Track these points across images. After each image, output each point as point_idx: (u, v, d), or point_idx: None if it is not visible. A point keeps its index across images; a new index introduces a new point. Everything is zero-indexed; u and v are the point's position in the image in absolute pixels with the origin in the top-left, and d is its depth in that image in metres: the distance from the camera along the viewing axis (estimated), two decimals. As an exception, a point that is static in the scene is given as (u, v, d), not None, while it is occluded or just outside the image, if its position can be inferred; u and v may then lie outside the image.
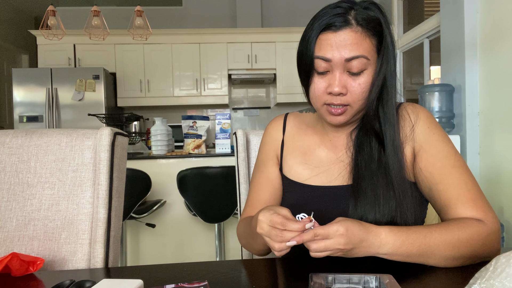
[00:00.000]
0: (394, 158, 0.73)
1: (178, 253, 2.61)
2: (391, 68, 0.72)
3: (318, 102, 0.74)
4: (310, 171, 0.82)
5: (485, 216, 0.68)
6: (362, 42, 0.68)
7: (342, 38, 0.68)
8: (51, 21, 3.11)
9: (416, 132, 0.76)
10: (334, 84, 0.70)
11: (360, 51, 0.68)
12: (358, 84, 0.70)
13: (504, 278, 0.44)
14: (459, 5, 2.39)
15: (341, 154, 0.81)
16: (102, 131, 0.89)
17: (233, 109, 5.10)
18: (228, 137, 2.61)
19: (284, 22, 5.02)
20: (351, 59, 0.68)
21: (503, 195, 2.09)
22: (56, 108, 4.02)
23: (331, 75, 0.71)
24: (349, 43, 0.68)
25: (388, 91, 0.73)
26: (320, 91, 0.72)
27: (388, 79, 0.73)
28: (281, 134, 0.90)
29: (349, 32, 0.68)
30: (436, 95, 2.43)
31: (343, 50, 0.68)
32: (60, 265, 0.84)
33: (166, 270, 0.68)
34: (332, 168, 0.80)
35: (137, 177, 2.00)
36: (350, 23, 0.68)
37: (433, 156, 0.73)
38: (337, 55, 0.68)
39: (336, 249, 0.59)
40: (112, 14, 4.80)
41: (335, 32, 0.69)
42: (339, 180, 0.79)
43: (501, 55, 2.12)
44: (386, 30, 0.71)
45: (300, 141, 0.87)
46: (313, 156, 0.84)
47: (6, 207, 0.86)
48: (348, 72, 0.70)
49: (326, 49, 0.69)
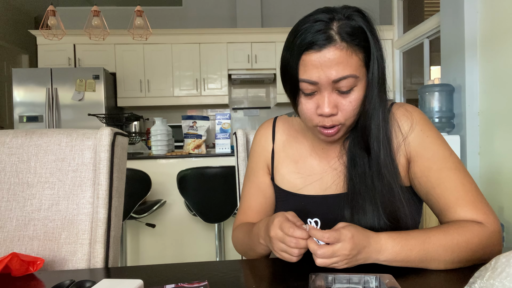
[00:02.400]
0: (388, 164, 0.71)
1: (178, 253, 2.61)
2: (380, 76, 0.68)
3: (309, 123, 0.71)
4: (303, 180, 0.81)
5: (485, 218, 0.67)
6: (348, 60, 0.64)
7: (326, 58, 0.63)
8: (51, 21, 3.11)
9: (410, 136, 0.74)
10: (323, 105, 0.66)
11: (348, 71, 0.64)
12: (349, 102, 0.67)
13: (504, 278, 0.44)
14: (459, 5, 2.39)
15: (333, 162, 0.79)
16: (102, 131, 0.89)
17: (233, 109, 5.10)
18: (228, 137, 2.61)
19: (284, 22, 5.02)
20: (339, 80, 0.64)
21: (503, 195, 2.09)
22: (56, 108, 4.02)
23: (320, 96, 0.67)
24: (335, 63, 0.63)
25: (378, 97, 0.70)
26: (310, 112, 0.69)
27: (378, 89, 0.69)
28: (270, 143, 0.87)
29: (333, 50, 0.63)
30: (436, 95, 2.43)
31: (329, 71, 0.63)
32: (60, 265, 0.84)
33: (166, 270, 0.68)
34: (325, 177, 0.79)
35: (137, 177, 2.00)
36: (334, 40, 0.63)
37: (429, 160, 0.71)
38: (324, 77, 0.64)
39: (343, 255, 0.58)
40: (112, 14, 4.80)
41: (318, 52, 0.63)
42: (332, 188, 0.78)
43: (501, 55, 2.12)
44: (372, 40, 0.66)
45: (291, 149, 0.85)
46: (305, 164, 0.82)
47: (6, 207, 0.86)
48: (337, 91, 0.66)
49: (312, 72, 0.64)
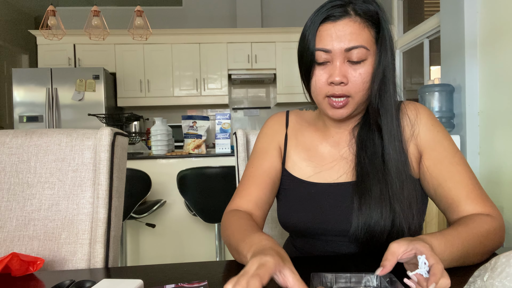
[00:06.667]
0: (397, 154, 0.72)
1: (178, 253, 2.61)
2: (389, 61, 0.72)
3: (320, 95, 0.74)
4: (313, 168, 0.81)
5: (492, 211, 0.69)
6: (361, 32, 0.69)
7: (341, 28, 0.69)
8: (51, 21, 3.11)
9: (421, 130, 0.76)
10: (335, 73, 0.70)
11: (360, 41, 0.69)
12: (359, 73, 0.70)
13: (504, 278, 0.44)
14: (459, 5, 2.39)
15: (344, 151, 0.80)
16: (102, 131, 0.89)
17: (233, 109, 5.10)
18: (228, 137, 2.61)
19: (284, 22, 5.02)
20: (350, 49, 0.69)
21: (503, 195, 2.09)
22: (56, 108, 4.02)
23: (332, 66, 0.71)
24: (348, 32, 0.69)
25: (386, 84, 0.73)
26: (321, 82, 0.72)
27: (387, 72, 0.72)
28: (284, 128, 0.88)
29: (348, 22, 0.69)
30: (436, 95, 2.43)
31: (343, 40, 0.69)
32: (60, 265, 0.84)
33: (166, 270, 0.68)
34: (336, 165, 0.80)
35: (137, 177, 2.00)
36: (349, 13, 0.69)
37: (440, 154, 0.74)
38: (337, 46, 0.69)
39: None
40: (112, 14, 4.80)
41: (334, 23, 0.69)
42: (343, 177, 0.78)
43: (501, 55, 2.12)
44: (384, 23, 0.71)
45: (303, 137, 0.86)
46: (316, 152, 0.83)
47: (6, 207, 0.86)
48: (348, 62, 0.70)
49: (326, 40, 0.70)
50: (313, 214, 0.77)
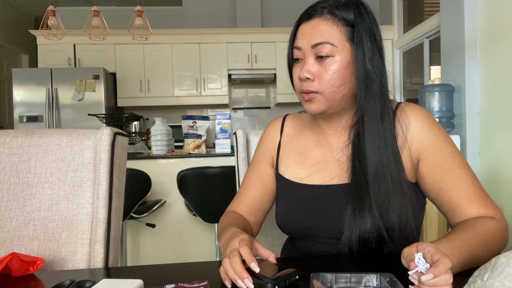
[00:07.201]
0: (391, 157, 0.71)
1: (178, 253, 2.61)
2: (373, 61, 0.71)
3: (297, 91, 0.78)
4: (306, 170, 0.82)
5: (495, 213, 0.69)
6: (329, 29, 0.71)
7: (311, 26, 0.73)
8: (51, 21, 3.10)
9: (418, 133, 0.74)
10: (302, 70, 0.73)
11: (325, 38, 0.71)
12: (325, 70, 0.72)
13: (504, 278, 0.44)
14: (459, 5, 2.39)
15: (337, 153, 0.80)
16: (102, 131, 0.89)
17: (233, 109, 5.10)
18: (228, 137, 2.61)
19: (284, 22, 5.02)
20: (316, 45, 0.72)
21: (503, 195, 2.09)
22: (56, 108, 4.02)
23: (303, 62, 0.74)
24: (316, 30, 0.72)
25: (369, 85, 0.72)
26: (296, 79, 0.76)
27: (370, 73, 0.71)
28: (278, 135, 0.91)
29: (317, 20, 0.73)
30: (436, 95, 2.43)
31: (310, 37, 0.72)
32: (60, 265, 0.84)
33: (166, 270, 0.68)
34: (329, 167, 0.80)
35: (137, 177, 2.00)
36: (321, 13, 0.73)
37: (440, 157, 0.72)
38: (305, 42, 0.73)
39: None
40: (112, 14, 4.80)
41: (307, 22, 0.74)
42: (336, 179, 0.78)
43: (501, 55, 2.12)
44: (361, 21, 0.72)
45: (297, 141, 0.87)
46: (309, 155, 0.83)
47: (6, 207, 0.86)
48: (318, 59, 0.73)
49: (298, 38, 0.75)
50: (306, 216, 0.78)
